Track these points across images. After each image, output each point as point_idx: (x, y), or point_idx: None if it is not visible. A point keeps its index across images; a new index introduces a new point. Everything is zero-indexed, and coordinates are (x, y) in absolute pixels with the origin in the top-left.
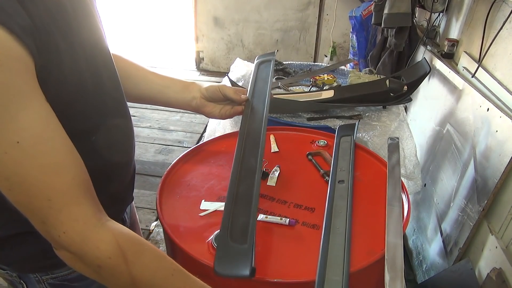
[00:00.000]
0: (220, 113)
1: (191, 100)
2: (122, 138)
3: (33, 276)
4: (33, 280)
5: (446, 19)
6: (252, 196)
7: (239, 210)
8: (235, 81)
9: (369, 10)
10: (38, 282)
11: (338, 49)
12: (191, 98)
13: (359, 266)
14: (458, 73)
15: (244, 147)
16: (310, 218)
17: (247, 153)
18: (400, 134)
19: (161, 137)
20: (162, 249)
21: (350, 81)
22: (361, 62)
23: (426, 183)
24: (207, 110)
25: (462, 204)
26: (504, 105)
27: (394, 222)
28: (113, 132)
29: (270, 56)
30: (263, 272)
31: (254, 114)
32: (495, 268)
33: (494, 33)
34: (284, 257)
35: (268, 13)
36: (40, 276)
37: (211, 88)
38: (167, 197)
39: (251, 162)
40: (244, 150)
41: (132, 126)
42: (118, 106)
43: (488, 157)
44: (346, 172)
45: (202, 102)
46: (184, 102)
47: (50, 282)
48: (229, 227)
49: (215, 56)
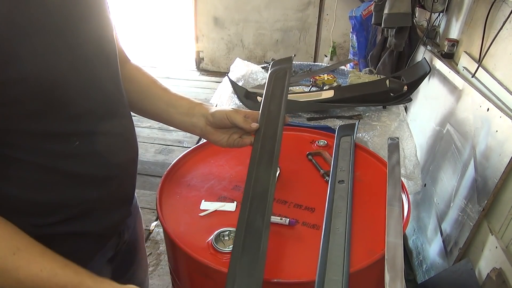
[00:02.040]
0: (228, 143)
1: (193, 127)
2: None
3: None
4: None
5: (446, 19)
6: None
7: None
8: (235, 81)
9: (369, 10)
10: None
11: (338, 49)
12: (191, 124)
13: (359, 266)
14: (458, 73)
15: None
16: (310, 218)
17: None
18: (400, 134)
19: (161, 137)
20: (162, 249)
21: (350, 81)
22: (361, 62)
23: (426, 183)
24: (213, 139)
25: (462, 204)
26: (504, 105)
27: (394, 222)
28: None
29: (286, 64)
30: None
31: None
32: (495, 268)
33: (494, 33)
34: (284, 257)
35: (268, 13)
36: None
37: (218, 114)
38: (167, 197)
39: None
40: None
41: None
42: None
43: (488, 157)
44: (346, 172)
45: (207, 130)
46: (186, 126)
47: None
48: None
49: (215, 56)
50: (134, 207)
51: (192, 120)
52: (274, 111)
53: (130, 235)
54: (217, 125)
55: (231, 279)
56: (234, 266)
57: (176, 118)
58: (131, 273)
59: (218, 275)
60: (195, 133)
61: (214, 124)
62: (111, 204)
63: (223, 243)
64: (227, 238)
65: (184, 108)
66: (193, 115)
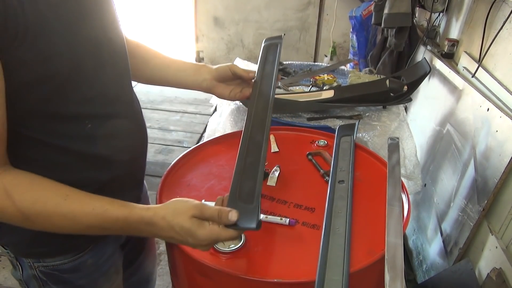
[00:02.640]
0: (230, 95)
1: (202, 82)
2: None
3: (26, 261)
4: (27, 265)
5: (446, 19)
6: (258, 165)
7: (247, 176)
8: None
9: (369, 10)
10: (30, 268)
11: (338, 49)
12: (202, 79)
13: (359, 266)
14: (458, 73)
15: (252, 125)
16: (310, 218)
17: (254, 130)
18: (400, 134)
19: (161, 137)
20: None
21: (350, 81)
22: (361, 62)
23: (426, 183)
24: (218, 91)
25: (462, 204)
26: (504, 105)
27: (394, 222)
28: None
29: (277, 40)
30: (263, 272)
31: (261, 95)
32: (495, 268)
33: (494, 33)
34: (284, 257)
35: (268, 13)
36: (32, 262)
37: (221, 68)
38: (167, 197)
39: (258, 138)
40: (252, 128)
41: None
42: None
43: (488, 157)
44: (346, 172)
45: (212, 83)
46: (196, 84)
47: (41, 269)
48: (238, 190)
49: (215, 56)
50: (144, 195)
51: (199, 79)
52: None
53: None
54: (222, 77)
55: (236, 183)
56: (238, 174)
57: (185, 79)
58: (139, 263)
59: (218, 275)
60: (201, 89)
61: (218, 77)
62: (121, 186)
63: (223, 243)
64: None
65: (192, 70)
66: (200, 74)
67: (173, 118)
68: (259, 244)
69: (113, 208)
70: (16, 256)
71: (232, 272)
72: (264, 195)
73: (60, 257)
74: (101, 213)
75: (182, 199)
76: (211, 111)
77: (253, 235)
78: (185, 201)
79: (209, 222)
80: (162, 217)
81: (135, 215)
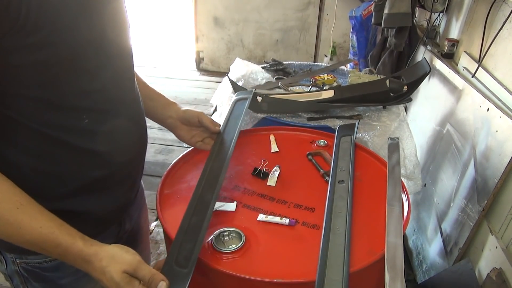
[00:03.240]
0: (191, 140)
1: (167, 118)
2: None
3: (9, 256)
4: (10, 260)
5: (446, 19)
6: (201, 227)
7: (188, 238)
8: (235, 81)
9: (369, 10)
10: (13, 263)
11: (338, 49)
12: (167, 116)
13: (359, 266)
14: (458, 73)
15: (205, 182)
16: (310, 218)
17: (206, 188)
18: (400, 134)
19: (161, 137)
20: (162, 249)
21: (350, 81)
22: (361, 62)
23: (426, 183)
24: (179, 133)
25: (462, 204)
26: (504, 105)
27: (394, 222)
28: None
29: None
30: (263, 272)
31: (220, 152)
32: (495, 268)
33: (494, 33)
34: (284, 257)
35: (268, 13)
36: (15, 258)
37: (189, 112)
38: (167, 197)
39: (207, 197)
40: (203, 185)
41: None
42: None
43: (488, 157)
44: (346, 172)
45: (176, 124)
46: (161, 118)
47: (23, 266)
48: (176, 253)
49: (215, 56)
50: (139, 197)
51: (166, 114)
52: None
53: (132, 225)
54: (187, 121)
55: (176, 245)
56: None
57: (155, 111)
58: None
59: (217, 275)
60: (165, 125)
61: (183, 120)
62: (115, 185)
63: (223, 243)
64: (227, 238)
65: (162, 102)
66: (168, 110)
67: None
68: (259, 244)
69: (60, 233)
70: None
71: (232, 272)
72: (264, 195)
73: (41, 255)
74: (46, 234)
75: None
76: (211, 111)
77: (253, 235)
78: (126, 251)
79: (140, 282)
80: (100, 259)
81: (76, 248)
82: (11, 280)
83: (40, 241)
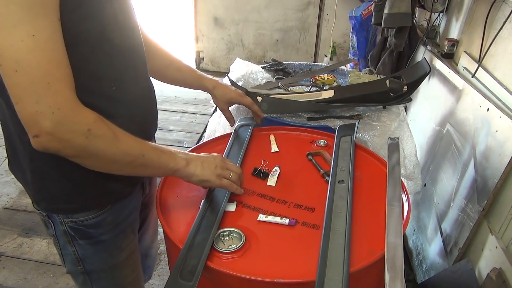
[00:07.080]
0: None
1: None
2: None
3: (57, 218)
4: (57, 221)
5: (446, 19)
6: (206, 244)
7: (193, 254)
8: (235, 81)
9: (369, 10)
10: (61, 224)
11: (338, 49)
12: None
13: (359, 266)
14: (458, 73)
15: (210, 201)
16: (310, 218)
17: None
18: (400, 134)
19: (161, 137)
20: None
21: (350, 81)
22: (361, 62)
23: (426, 183)
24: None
25: (462, 204)
26: (504, 105)
27: (394, 222)
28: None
29: (250, 121)
30: (263, 272)
31: None
32: (495, 268)
33: (494, 33)
34: (284, 257)
35: (268, 13)
36: (62, 218)
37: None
38: (167, 197)
39: (211, 218)
40: (209, 205)
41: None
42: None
43: (488, 157)
44: (346, 172)
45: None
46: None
47: (70, 225)
48: (181, 266)
49: (215, 56)
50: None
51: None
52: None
53: (149, 191)
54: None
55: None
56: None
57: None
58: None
59: (218, 275)
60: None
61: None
62: None
63: (223, 243)
64: (227, 238)
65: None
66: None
67: (173, 118)
68: (259, 244)
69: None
70: (48, 214)
71: (232, 272)
72: (264, 195)
73: (85, 213)
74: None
75: None
76: (211, 111)
77: (253, 235)
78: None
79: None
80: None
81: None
82: (58, 241)
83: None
